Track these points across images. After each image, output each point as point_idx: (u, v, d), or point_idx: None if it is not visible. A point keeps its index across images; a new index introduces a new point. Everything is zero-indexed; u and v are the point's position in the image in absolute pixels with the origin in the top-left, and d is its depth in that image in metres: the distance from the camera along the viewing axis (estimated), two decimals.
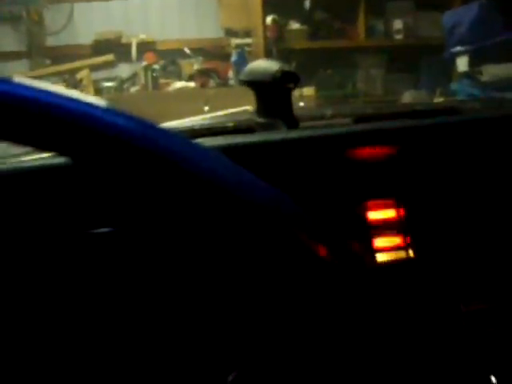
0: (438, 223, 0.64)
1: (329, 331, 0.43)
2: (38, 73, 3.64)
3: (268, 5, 3.34)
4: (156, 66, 3.53)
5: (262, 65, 0.67)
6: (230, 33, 3.63)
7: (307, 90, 3.07)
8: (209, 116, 1.02)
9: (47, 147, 0.32)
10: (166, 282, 0.55)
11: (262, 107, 0.68)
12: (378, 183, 0.64)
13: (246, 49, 3.48)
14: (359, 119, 0.74)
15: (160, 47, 3.70)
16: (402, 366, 0.54)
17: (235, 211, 0.34)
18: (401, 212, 0.64)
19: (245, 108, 1.02)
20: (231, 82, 3.53)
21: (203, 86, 3.45)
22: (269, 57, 3.27)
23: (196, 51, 3.67)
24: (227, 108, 1.29)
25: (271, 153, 0.61)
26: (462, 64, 2.68)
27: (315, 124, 0.79)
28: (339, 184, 0.63)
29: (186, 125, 0.95)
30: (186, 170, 0.33)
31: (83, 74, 3.50)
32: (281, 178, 0.44)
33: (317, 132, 0.64)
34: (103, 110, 0.33)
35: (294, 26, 3.43)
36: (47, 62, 3.68)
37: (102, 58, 3.64)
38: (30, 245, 0.54)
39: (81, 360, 0.54)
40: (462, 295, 0.62)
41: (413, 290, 0.60)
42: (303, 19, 3.44)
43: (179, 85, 3.43)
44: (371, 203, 0.64)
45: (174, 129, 0.81)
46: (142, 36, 3.69)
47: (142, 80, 3.50)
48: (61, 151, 0.33)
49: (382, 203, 0.64)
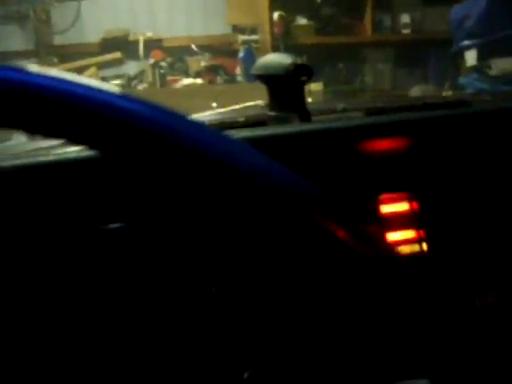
0: (451, 216, 0.64)
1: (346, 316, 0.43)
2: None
3: (275, 1, 3.33)
4: (163, 63, 3.53)
5: (275, 58, 0.67)
6: (237, 29, 3.63)
7: (315, 86, 3.06)
8: (220, 110, 1.02)
9: (74, 138, 0.33)
10: (179, 276, 0.55)
11: (275, 101, 0.68)
12: (391, 176, 0.64)
13: (252, 45, 3.48)
14: (370, 112, 0.73)
15: (167, 44, 3.70)
16: (414, 359, 0.54)
17: (250, 194, 0.35)
18: (414, 205, 0.64)
19: (256, 102, 1.02)
20: (239, 78, 3.53)
21: (211, 82, 3.45)
22: (275, 52, 3.25)
23: (203, 48, 3.67)
24: (235, 104, 1.29)
25: (284, 145, 0.61)
26: (471, 58, 2.67)
27: (327, 117, 0.79)
28: (352, 177, 0.62)
29: (197, 119, 0.95)
30: (204, 156, 0.33)
31: (91, 72, 3.51)
32: (294, 171, 0.44)
33: (330, 125, 0.64)
34: (122, 97, 0.33)
35: (301, 21, 3.43)
36: (55, 60, 3.68)
37: (109, 56, 3.65)
38: (38, 239, 0.54)
39: (95, 354, 0.54)
40: (476, 289, 0.62)
41: (426, 283, 0.60)
42: (310, 15, 3.43)
43: (187, 82, 3.43)
44: (384, 197, 0.64)
45: None
46: (149, 33, 3.69)
47: (150, 77, 3.50)
48: (84, 142, 0.33)
49: (394, 197, 0.64)
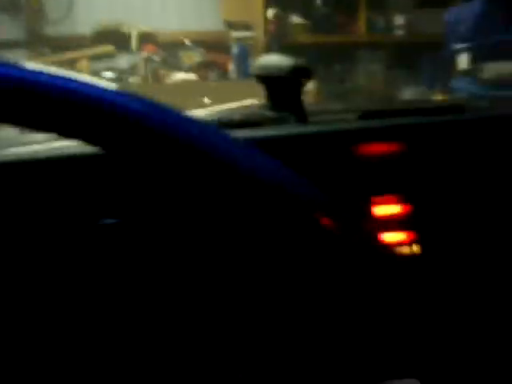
0: (444, 220, 0.64)
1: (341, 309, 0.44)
2: (36, 62, 3.63)
3: None
4: (156, 58, 3.52)
5: (274, 59, 0.67)
6: (231, 26, 3.62)
7: (308, 85, 3.07)
8: (214, 108, 1.02)
9: (72, 134, 0.32)
10: (175, 273, 0.55)
11: (273, 101, 0.68)
12: (385, 179, 0.64)
13: (246, 42, 3.48)
14: (365, 115, 0.74)
15: (160, 39, 3.69)
16: (404, 359, 0.55)
17: (250, 192, 0.35)
18: (407, 208, 0.65)
19: (251, 101, 1.02)
20: (231, 74, 3.52)
21: (203, 78, 3.45)
22: (269, 50, 3.27)
23: (196, 43, 3.66)
24: (228, 101, 1.29)
25: (281, 147, 0.62)
26: (463, 61, 2.68)
27: (323, 119, 0.79)
28: (346, 179, 0.63)
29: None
30: (206, 154, 0.33)
31: (82, 65, 3.49)
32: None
33: (327, 127, 0.65)
34: (120, 94, 0.33)
35: (295, 20, 3.43)
36: (46, 51, 3.66)
37: (101, 49, 3.63)
38: (33, 235, 0.54)
39: (93, 351, 0.54)
40: (465, 292, 0.62)
41: (417, 285, 0.61)
42: (305, 13, 3.43)
43: (179, 76, 3.43)
44: (377, 199, 0.64)
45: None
46: (143, 27, 3.67)
47: (142, 71, 3.49)
48: (84, 138, 0.33)
49: (387, 199, 0.65)
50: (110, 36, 3.64)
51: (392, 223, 0.64)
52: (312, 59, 3.42)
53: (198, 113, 0.97)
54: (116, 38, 3.65)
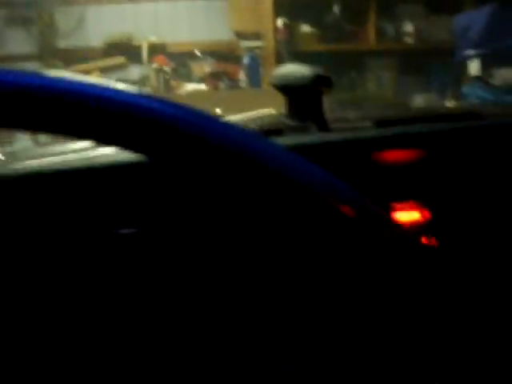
0: (463, 225, 0.64)
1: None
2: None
3: (279, 8, 3.35)
4: (167, 69, 3.54)
5: (294, 69, 0.68)
6: (241, 35, 3.64)
7: None
8: (232, 118, 1.02)
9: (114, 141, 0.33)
10: (190, 281, 0.56)
11: (293, 110, 0.69)
12: (403, 186, 0.65)
13: (256, 51, 3.49)
14: (382, 123, 0.74)
15: (171, 49, 3.71)
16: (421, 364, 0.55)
17: (272, 184, 0.36)
18: (425, 214, 0.65)
19: (268, 110, 1.02)
20: (242, 84, 3.54)
21: (214, 88, 3.46)
22: (279, 60, 3.28)
23: (206, 53, 3.68)
24: (239, 110, 1.30)
25: (304, 155, 0.62)
26: (474, 67, 2.68)
27: (340, 126, 0.79)
28: (366, 185, 0.63)
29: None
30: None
31: (94, 76, 3.52)
32: None
33: (349, 135, 0.65)
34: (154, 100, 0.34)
35: (305, 28, 3.44)
36: (58, 63, 3.69)
37: (112, 60, 3.66)
38: (52, 243, 0.55)
39: (107, 356, 0.55)
40: (482, 295, 0.62)
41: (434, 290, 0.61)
42: (314, 22, 3.44)
43: (190, 87, 3.44)
44: (396, 205, 0.64)
45: None
46: (153, 38, 3.70)
47: (153, 82, 3.51)
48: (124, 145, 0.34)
49: (407, 205, 0.65)
50: (121, 48, 3.67)
51: (411, 229, 0.64)
52: (322, 67, 3.42)
53: None
54: (127, 50, 3.68)
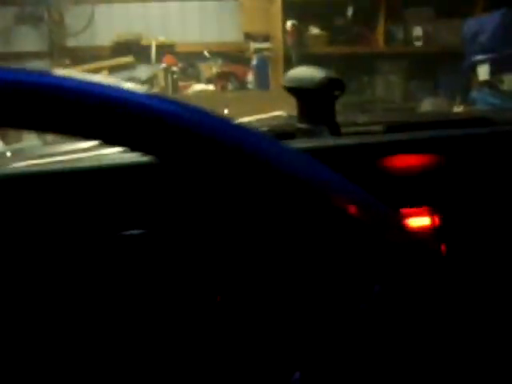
0: (473, 233, 0.64)
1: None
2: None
3: (288, 10, 3.35)
4: (175, 69, 3.55)
5: (307, 71, 0.68)
6: (250, 37, 3.64)
7: None
8: (242, 120, 1.02)
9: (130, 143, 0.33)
10: (199, 283, 0.56)
11: (305, 113, 0.69)
12: (414, 191, 0.65)
13: (265, 53, 3.50)
14: (392, 127, 0.74)
15: (179, 49, 3.72)
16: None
17: (278, 184, 0.36)
18: (436, 220, 0.65)
19: (278, 113, 1.02)
20: (250, 85, 3.54)
21: (222, 89, 3.47)
22: (288, 62, 3.28)
23: (215, 54, 3.69)
24: (248, 111, 1.29)
25: (317, 158, 0.62)
26: (483, 72, 2.67)
27: (350, 130, 0.79)
28: (376, 190, 0.63)
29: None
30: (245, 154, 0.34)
31: (103, 75, 3.53)
32: None
33: (360, 140, 0.65)
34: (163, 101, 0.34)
35: (314, 31, 3.44)
36: (67, 62, 3.70)
37: (121, 60, 3.67)
38: (59, 245, 0.55)
39: (109, 361, 0.55)
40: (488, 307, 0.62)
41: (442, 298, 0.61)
42: (323, 24, 3.44)
43: (198, 87, 3.45)
44: (406, 210, 0.64)
45: None
46: (162, 38, 3.71)
47: (162, 82, 3.52)
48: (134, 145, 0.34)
49: (416, 211, 0.65)
50: (130, 47, 3.68)
51: (422, 235, 0.64)
52: (331, 70, 3.42)
53: None
54: (136, 50, 3.69)
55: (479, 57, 2.68)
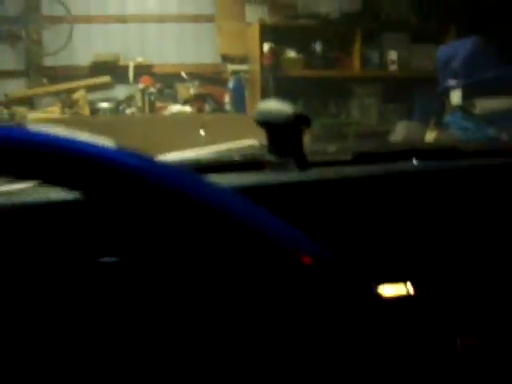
0: (439, 261, 0.65)
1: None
2: (34, 91, 3.66)
3: (265, 33, 3.39)
4: (152, 89, 3.56)
5: (276, 106, 0.69)
6: (227, 59, 3.67)
7: None
8: (214, 148, 1.03)
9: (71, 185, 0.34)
10: (173, 309, 0.56)
11: (274, 145, 0.70)
12: (377, 223, 0.66)
13: (242, 75, 3.53)
14: (359, 157, 0.75)
15: (157, 70, 3.73)
16: None
17: (227, 234, 0.37)
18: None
19: (250, 142, 1.03)
20: (227, 107, 3.56)
21: (199, 110, 3.48)
22: (265, 84, 3.31)
23: (192, 76, 3.70)
24: (223, 133, 1.31)
25: (283, 192, 0.63)
26: (456, 97, 2.72)
27: (321, 160, 0.80)
28: (338, 224, 0.64)
29: (192, 157, 0.97)
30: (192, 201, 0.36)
31: (80, 95, 3.52)
32: (289, 219, 0.45)
33: (326, 174, 0.66)
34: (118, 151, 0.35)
35: (291, 54, 3.48)
36: (44, 81, 3.69)
37: (98, 79, 3.67)
38: (34, 273, 0.55)
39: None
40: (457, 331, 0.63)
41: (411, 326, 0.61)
42: (300, 48, 3.49)
43: (175, 108, 3.46)
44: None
45: (180, 161, 0.83)
46: (140, 59, 3.72)
47: (139, 102, 3.52)
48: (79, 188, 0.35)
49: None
50: (108, 67, 3.68)
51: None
52: (307, 92, 3.47)
53: (197, 152, 0.99)
54: (113, 70, 3.69)
55: (452, 82, 2.73)
